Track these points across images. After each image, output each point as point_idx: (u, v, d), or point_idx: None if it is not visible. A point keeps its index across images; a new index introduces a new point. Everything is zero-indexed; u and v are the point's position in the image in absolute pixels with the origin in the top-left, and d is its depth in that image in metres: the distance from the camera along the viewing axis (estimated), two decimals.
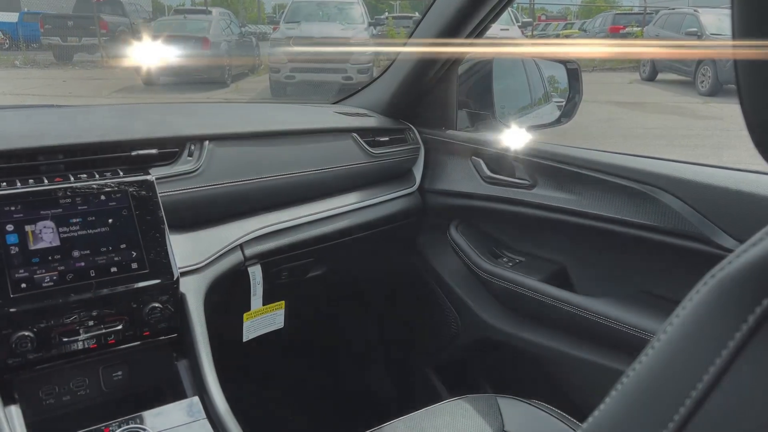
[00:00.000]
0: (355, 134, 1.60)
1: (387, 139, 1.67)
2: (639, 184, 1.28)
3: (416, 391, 1.95)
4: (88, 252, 1.11)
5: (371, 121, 1.68)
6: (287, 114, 1.61)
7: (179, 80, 11.94)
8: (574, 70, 1.78)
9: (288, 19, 12.55)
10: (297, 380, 2.01)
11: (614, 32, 18.00)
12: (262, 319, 1.45)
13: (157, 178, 1.21)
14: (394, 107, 1.73)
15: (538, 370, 1.57)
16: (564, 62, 1.80)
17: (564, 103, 1.82)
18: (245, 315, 1.40)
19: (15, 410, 1.03)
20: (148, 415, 1.07)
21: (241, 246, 1.34)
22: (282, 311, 1.48)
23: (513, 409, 1.28)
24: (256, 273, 1.38)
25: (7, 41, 16.02)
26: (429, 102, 1.73)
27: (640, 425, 0.37)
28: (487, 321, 1.62)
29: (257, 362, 1.83)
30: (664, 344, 0.38)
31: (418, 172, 1.73)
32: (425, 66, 1.62)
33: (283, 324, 1.50)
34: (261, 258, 1.38)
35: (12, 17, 17.11)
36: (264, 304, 1.42)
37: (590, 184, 1.36)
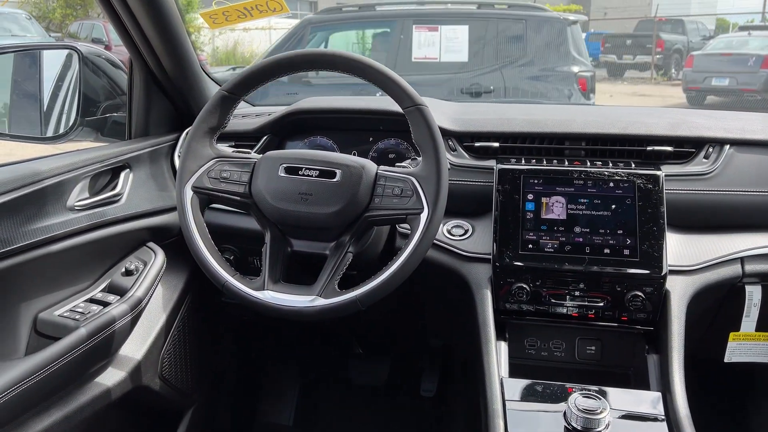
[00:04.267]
0: None
1: None
2: None
3: None
4: (587, 230, 1.23)
5: None
6: None
7: (729, 101, 11.17)
8: None
9: None
10: None
11: None
12: (753, 346, 1.31)
13: (666, 175, 1.24)
14: None
15: None
16: None
17: None
18: (732, 334, 1.30)
19: (504, 346, 1.24)
20: (610, 391, 1.12)
21: (741, 260, 1.25)
22: None
23: None
24: (754, 293, 1.26)
25: None
26: None
27: None
28: None
29: (733, 386, 1.66)
30: None
31: None
32: None
33: None
34: (763, 279, 1.25)
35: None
36: (758, 330, 1.29)
37: None
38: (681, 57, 15.12)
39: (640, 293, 1.19)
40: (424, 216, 1.09)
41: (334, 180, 1.12)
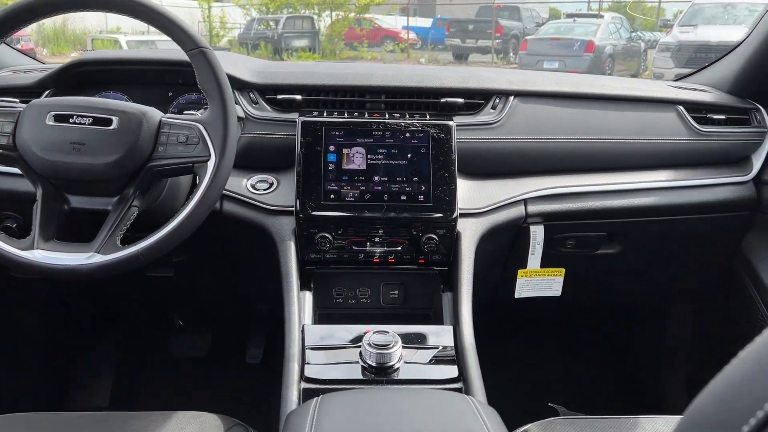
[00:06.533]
0: (680, 107, 1.44)
1: (723, 117, 1.46)
2: None
3: None
4: (386, 179, 1.26)
5: (706, 96, 1.48)
6: (605, 81, 1.53)
7: None
8: None
9: (684, 22, 11.57)
10: (556, 349, 1.93)
11: None
12: (539, 281, 1.43)
13: (457, 125, 1.30)
14: (743, 84, 1.50)
15: None
16: None
17: None
18: (520, 272, 1.41)
19: (308, 295, 1.25)
20: (405, 328, 1.16)
21: (525, 201, 1.35)
22: (561, 279, 1.44)
23: None
24: (537, 232, 1.37)
25: (419, 42, 18.48)
26: None
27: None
28: None
29: (523, 320, 1.81)
30: None
31: (758, 160, 1.47)
32: None
33: (560, 292, 1.45)
34: (545, 218, 1.36)
35: (426, 23, 19.72)
36: (542, 267, 1.40)
37: None
38: (518, 41, 16.13)
39: (434, 235, 1.25)
40: (211, 164, 1.06)
41: (111, 128, 1.05)
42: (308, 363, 1.10)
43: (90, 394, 1.78)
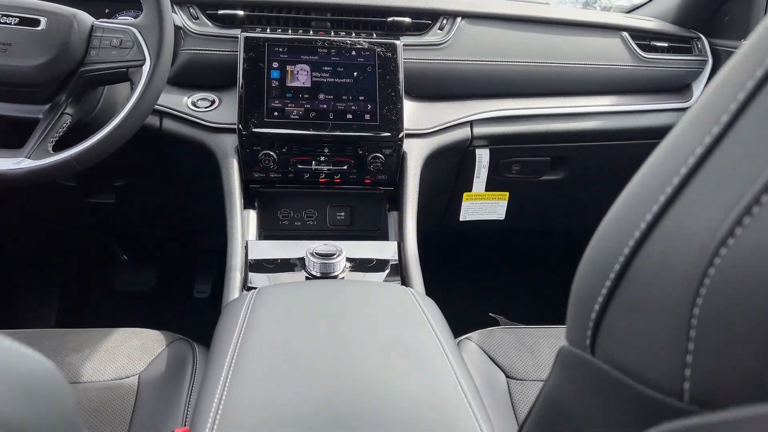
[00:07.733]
0: (625, 33, 1.45)
1: (665, 45, 1.48)
2: None
3: None
4: (331, 97, 1.24)
5: (650, 24, 1.50)
6: (553, 8, 1.53)
7: None
8: None
9: None
10: (502, 270, 1.98)
11: None
12: (483, 204, 1.44)
13: (404, 45, 1.29)
14: (685, 13, 1.52)
15: None
16: None
17: None
18: (465, 195, 1.42)
19: (253, 214, 1.24)
20: (351, 242, 1.16)
21: (471, 123, 1.35)
22: (505, 203, 1.46)
23: None
24: (483, 156, 1.37)
25: None
26: (730, 9, 1.47)
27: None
28: None
29: (470, 244, 1.84)
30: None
31: (698, 88, 1.50)
32: None
33: (503, 216, 1.47)
34: (491, 141, 1.37)
35: None
36: (487, 190, 1.42)
37: None
38: None
39: (380, 155, 1.25)
40: (146, 68, 1.02)
41: (39, 28, 1.00)
42: (251, 278, 1.09)
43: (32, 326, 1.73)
